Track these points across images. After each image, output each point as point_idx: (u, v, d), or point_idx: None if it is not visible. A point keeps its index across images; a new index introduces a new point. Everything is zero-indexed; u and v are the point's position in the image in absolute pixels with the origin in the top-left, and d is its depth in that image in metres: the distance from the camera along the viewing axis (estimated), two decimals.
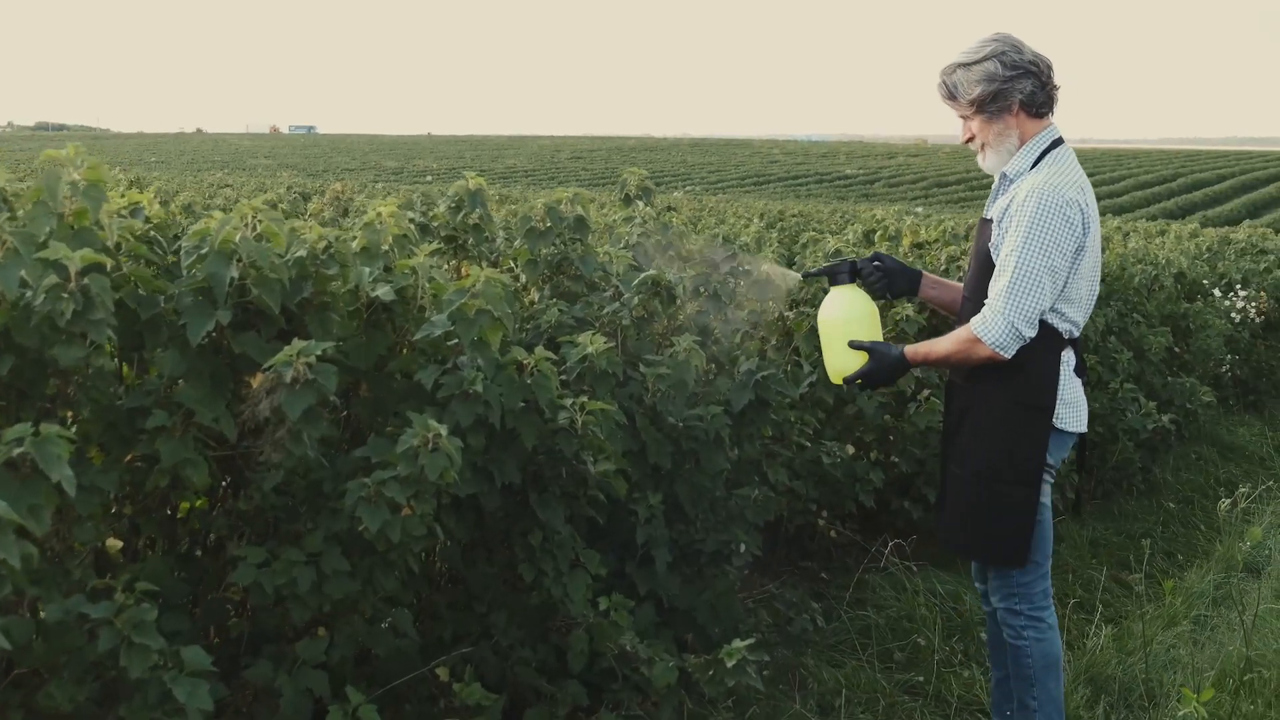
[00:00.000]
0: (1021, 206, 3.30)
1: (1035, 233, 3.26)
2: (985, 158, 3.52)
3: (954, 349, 3.42)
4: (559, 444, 3.20)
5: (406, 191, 26.66)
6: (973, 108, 3.43)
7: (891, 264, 3.80)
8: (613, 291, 4.10)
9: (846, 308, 3.61)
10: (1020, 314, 3.28)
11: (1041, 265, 3.26)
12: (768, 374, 4.05)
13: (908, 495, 5.59)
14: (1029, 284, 3.27)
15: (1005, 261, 3.32)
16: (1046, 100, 3.45)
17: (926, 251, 7.06)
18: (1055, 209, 3.26)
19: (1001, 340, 3.31)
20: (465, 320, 3.03)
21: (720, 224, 14.81)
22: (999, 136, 3.44)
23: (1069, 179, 3.34)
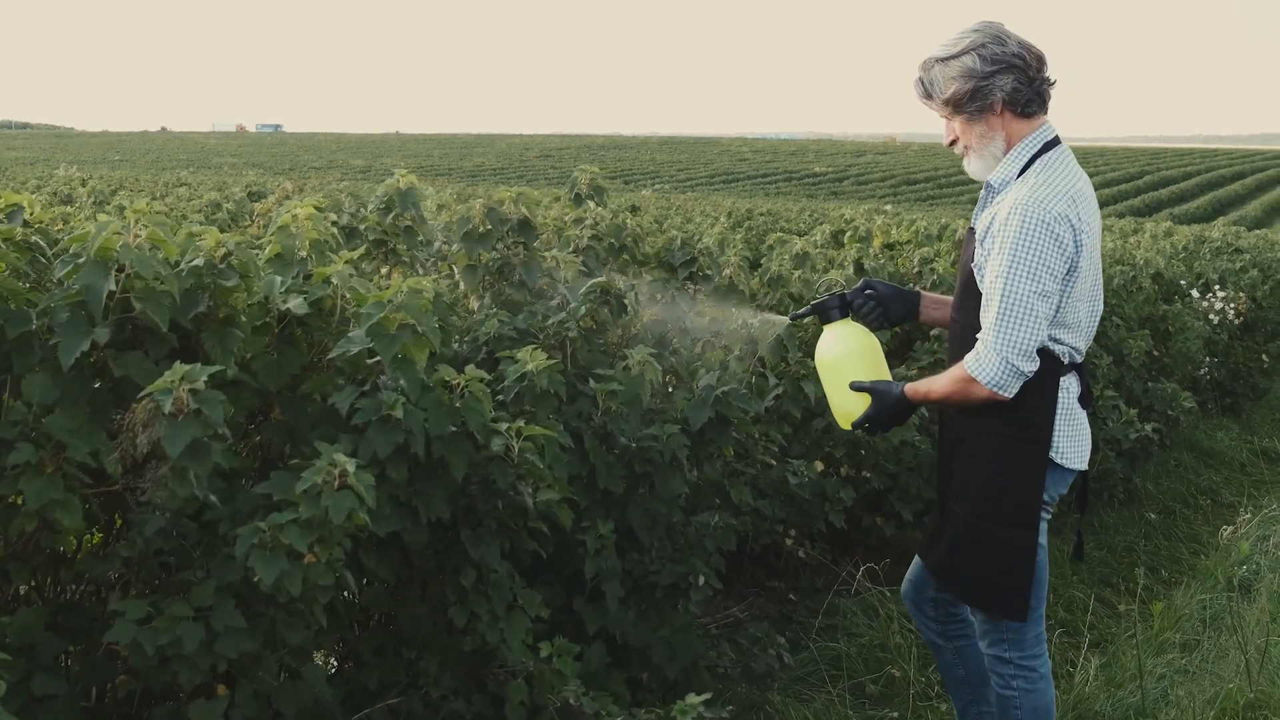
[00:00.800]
0: (1004, 225, 2.97)
1: (1020, 255, 2.92)
2: (970, 162, 3.18)
3: (951, 389, 3.10)
4: (493, 474, 2.86)
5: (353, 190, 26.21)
6: (949, 108, 3.10)
7: (884, 290, 3.47)
8: (559, 300, 3.76)
9: (841, 347, 3.33)
10: (1014, 348, 2.95)
11: (1029, 291, 2.93)
12: (729, 389, 3.72)
13: (880, 511, 5.28)
14: (1019, 314, 2.94)
15: (991, 290, 3.00)
16: (1035, 97, 3.08)
17: (899, 253, 6.76)
18: (1041, 226, 2.92)
19: (997, 378, 2.98)
20: (385, 336, 2.69)
21: (687, 223, 14.48)
22: (982, 139, 3.10)
23: (1058, 189, 2.99)
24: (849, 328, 3.36)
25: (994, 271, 2.97)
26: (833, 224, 6.89)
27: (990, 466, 3.19)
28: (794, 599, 5.20)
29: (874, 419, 3.25)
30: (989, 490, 3.20)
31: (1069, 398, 3.17)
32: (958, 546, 3.30)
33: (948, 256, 6.40)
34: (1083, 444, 3.25)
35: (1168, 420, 7.31)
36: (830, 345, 3.35)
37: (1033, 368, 2.99)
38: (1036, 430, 3.12)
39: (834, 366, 3.32)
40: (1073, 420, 3.19)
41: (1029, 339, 2.94)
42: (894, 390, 3.23)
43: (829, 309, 3.37)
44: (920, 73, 3.15)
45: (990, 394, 3.00)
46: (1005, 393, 2.99)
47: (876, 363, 3.33)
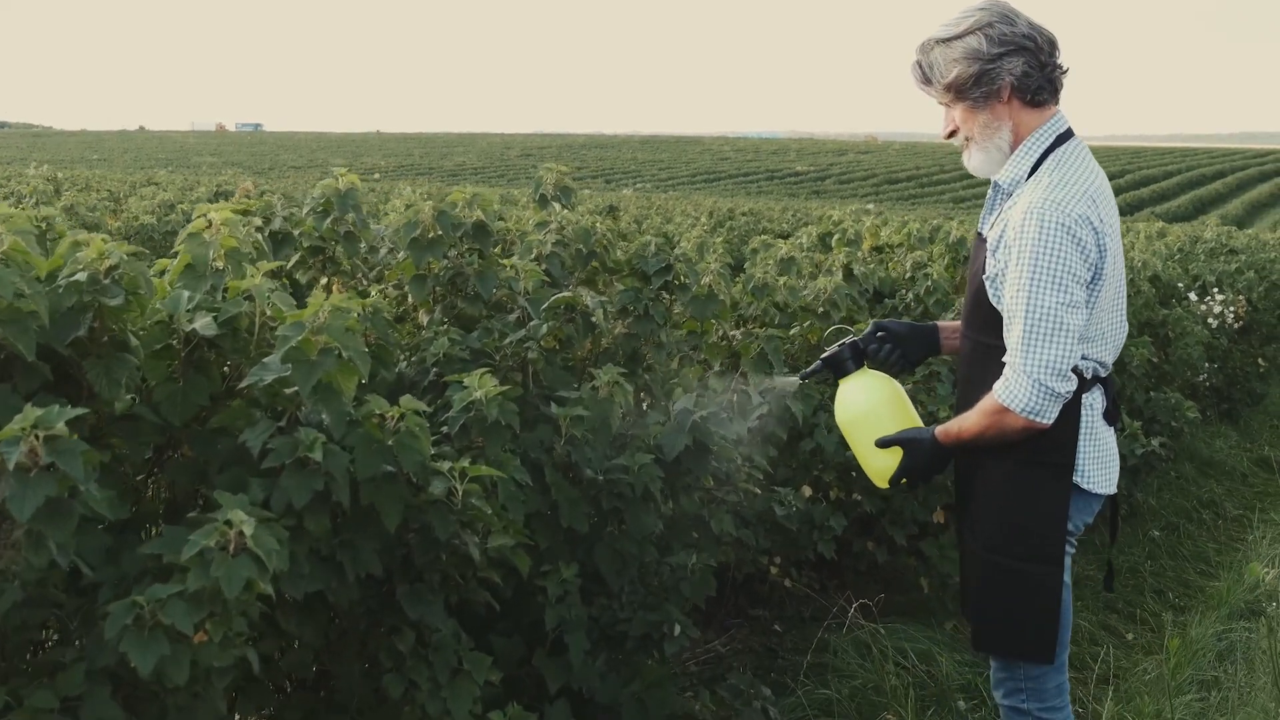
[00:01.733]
0: (1020, 233, 2.65)
1: (1042, 264, 2.61)
2: (970, 156, 2.84)
3: (984, 423, 2.77)
4: (433, 521, 2.45)
5: None
6: (951, 94, 2.77)
7: (899, 329, 3.15)
8: (519, 314, 3.36)
9: (864, 401, 3.03)
10: (1046, 367, 2.63)
11: (1056, 303, 2.62)
12: (708, 413, 3.33)
13: (871, 535, 4.90)
14: (1047, 330, 2.63)
15: (1013, 306, 2.68)
16: (1046, 84, 2.75)
17: (889, 256, 6.38)
18: (1061, 231, 2.60)
19: (1033, 404, 2.66)
20: (303, 363, 2.28)
21: (666, 223, 14.09)
22: (986, 130, 2.78)
23: (1076, 189, 2.68)
24: (868, 378, 3.06)
25: (1014, 285, 2.67)
26: (819, 226, 6.52)
27: (1008, 495, 2.87)
28: (780, 630, 4.82)
29: (911, 471, 2.94)
30: (1005, 523, 2.88)
31: (1093, 415, 2.86)
32: (973, 585, 2.97)
33: (941, 260, 6.02)
34: (1110, 466, 2.92)
35: (1171, 431, 6.95)
36: (851, 401, 3.05)
37: (1069, 388, 2.68)
38: (1058, 453, 2.81)
39: (858, 424, 3.02)
40: (1098, 440, 2.87)
41: (1062, 356, 2.63)
42: (925, 437, 2.91)
43: (842, 361, 3.08)
44: (918, 55, 2.81)
45: (1027, 423, 2.68)
46: (1042, 419, 2.68)
47: (903, 410, 3.03)
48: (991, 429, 2.75)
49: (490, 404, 2.62)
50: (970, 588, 3.02)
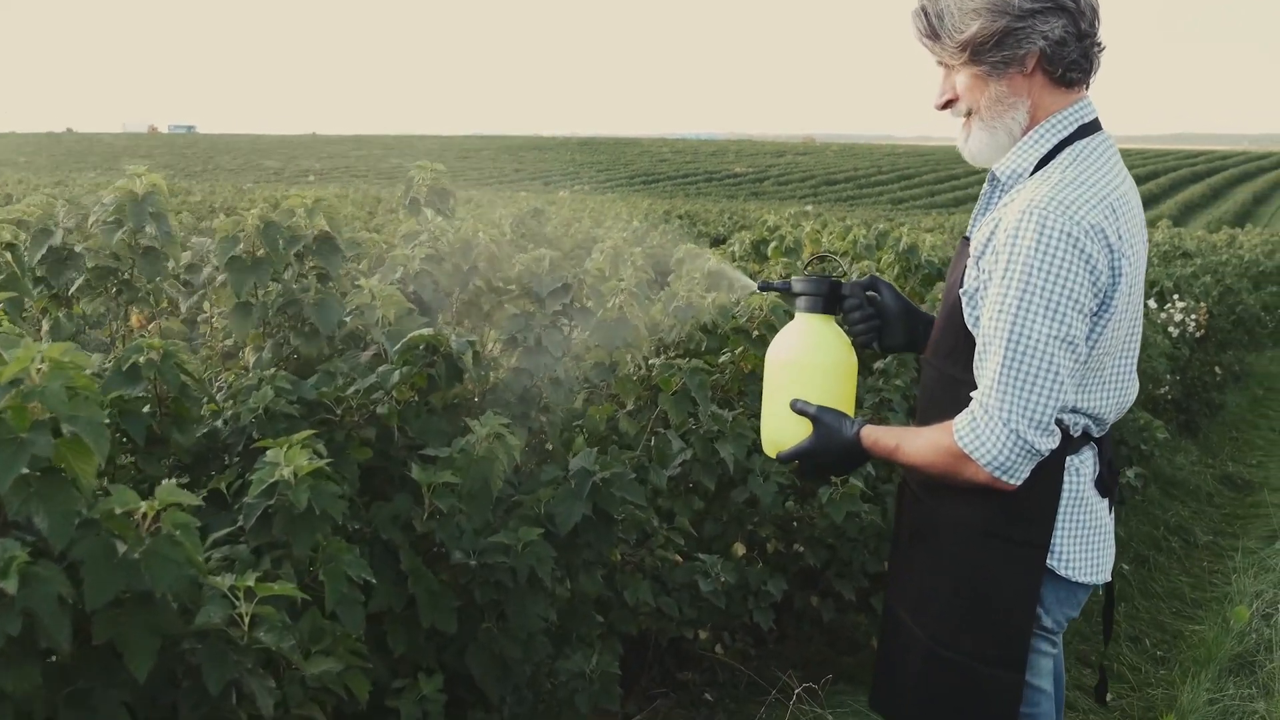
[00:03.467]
0: (1012, 238, 2.05)
1: (1036, 281, 2.02)
2: (969, 135, 2.23)
3: (931, 458, 2.17)
4: (203, 662, 1.74)
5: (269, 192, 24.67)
6: (964, 53, 2.15)
7: (890, 299, 2.53)
8: (375, 352, 2.66)
9: (808, 351, 2.40)
10: (1026, 416, 2.05)
11: (1048, 333, 2.03)
12: (612, 473, 2.65)
13: (816, 589, 4.25)
14: (1033, 367, 2.04)
15: (992, 330, 2.08)
16: (1082, 59, 2.16)
17: (831, 265, 5.73)
18: (1065, 241, 2.01)
19: (1002, 458, 2.06)
20: (7, 443, 1.58)
21: (597, 226, 13.38)
22: (997, 105, 2.18)
23: (1091, 191, 2.07)
24: (828, 330, 2.43)
25: (996, 304, 2.07)
26: (754, 231, 5.87)
27: (962, 574, 2.27)
28: (711, 699, 4.15)
29: (809, 456, 2.34)
30: (959, 606, 2.28)
31: (1080, 483, 2.24)
32: (907, 672, 2.37)
33: (890, 270, 5.38)
34: (1100, 549, 2.29)
35: (1140, 455, 6.36)
36: (795, 343, 2.42)
37: (1051, 444, 2.09)
38: (1031, 528, 2.21)
39: (788, 371, 2.40)
40: (1085, 515, 2.25)
41: (1046, 403, 2.05)
42: (846, 429, 2.30)
43: (813, 295, 2.43)
44: (924, 2, 2.20)
45: (989, 479, 2.09)
46: (1011, 479, 2.09)
47: (844, 388, 2.41)
48: (938, 469, 2.17)
49: (299, 487, 1.91)
50: (898, 677, 2.40)
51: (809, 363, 2.39)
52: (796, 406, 2.35)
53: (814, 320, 2.43)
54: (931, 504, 2.31)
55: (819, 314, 2.43)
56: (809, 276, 2.46)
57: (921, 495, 2.35)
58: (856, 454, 2.30)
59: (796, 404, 2.35)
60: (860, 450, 2.29)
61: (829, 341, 2.41)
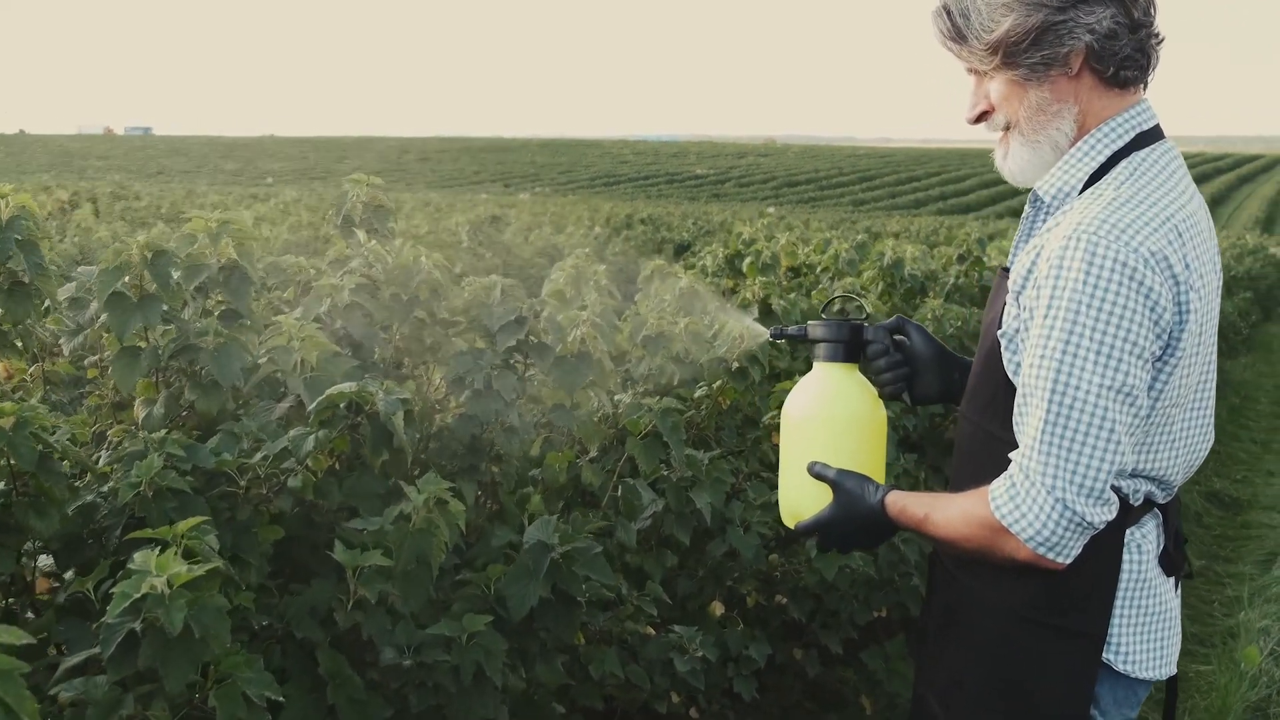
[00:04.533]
0: (1056, 269, 1.74)
1: (1086, 321, 1.70)
2: (1008, 152, 1.91)
3: (964, 531, 1.84)
4: None
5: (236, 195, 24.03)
6: (996, 55, 1.84)
7: (921, 344, 2.19)
8: (293, 404, 2.25)
9: (828, 407, 2.10)
10: (1076, 481, 1.72)
11: (1101, 384, 1.71)
12: (575, 547, 2.24)
13: (800, 641, 3.85)
14: (1083, 423, 1.71)
15: (1034, 379, 1.76)
16: (1137, 53, 1.84)
17: (808, 280, 5.35)
18: (1121, 272, 1.69)
19: (1047, 533, 1.73)
20: None
21: (557, 233, 12.97)
22: (1040, 114, 1.86)
23: (1152, 211, 1.76)
24: (849, 379, 2.13)
25: (1038, 348, 1.75)
26: (728, 245, 5.49)
27: (1001, 667, 1.94)
28: None
29: (829, 527, 2.04)
30: (997, 700, 1.95)
31: (1142, 561, 1.90)
32: None
33: (874, 287, 5.00)
34: (1165, 639, 1.95)
35: None
36: (808, 396, 2.13)
37: (1106, 515, 1.75)
38: (1083, 616, 1.88)
39: (802, 430, 2.11)
40: (1148, 599, 1.91)
41: (1099, 467, 1.72)
42: (869, 495, 2.00)
43: (832, 342, 2.13)
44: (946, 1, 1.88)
45: (1032, 557, 1.76)
46: (1058, 557, 1.76)
47: (868, 446, 2.10)
48: (973, 543, 1.84)
49: (173, 604, 1.49)
50: None
51: (828, 419, 2.08)
52: (814, 470, 2.04)
53: (834, 370, 2.13)
54: (966, 582, 1.98)
55: (839, 363, 2.13)
56: (827, 320, 2.15)
57: (955, 572, 2.01)
58: (882, 524, 1.98)
59: (814, 467, 2.05)
60: (886, 520, 1.97)
61: (851, 394, 2.11)
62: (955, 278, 5.44)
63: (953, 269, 5.64)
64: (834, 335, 2.12)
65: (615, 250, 12.19)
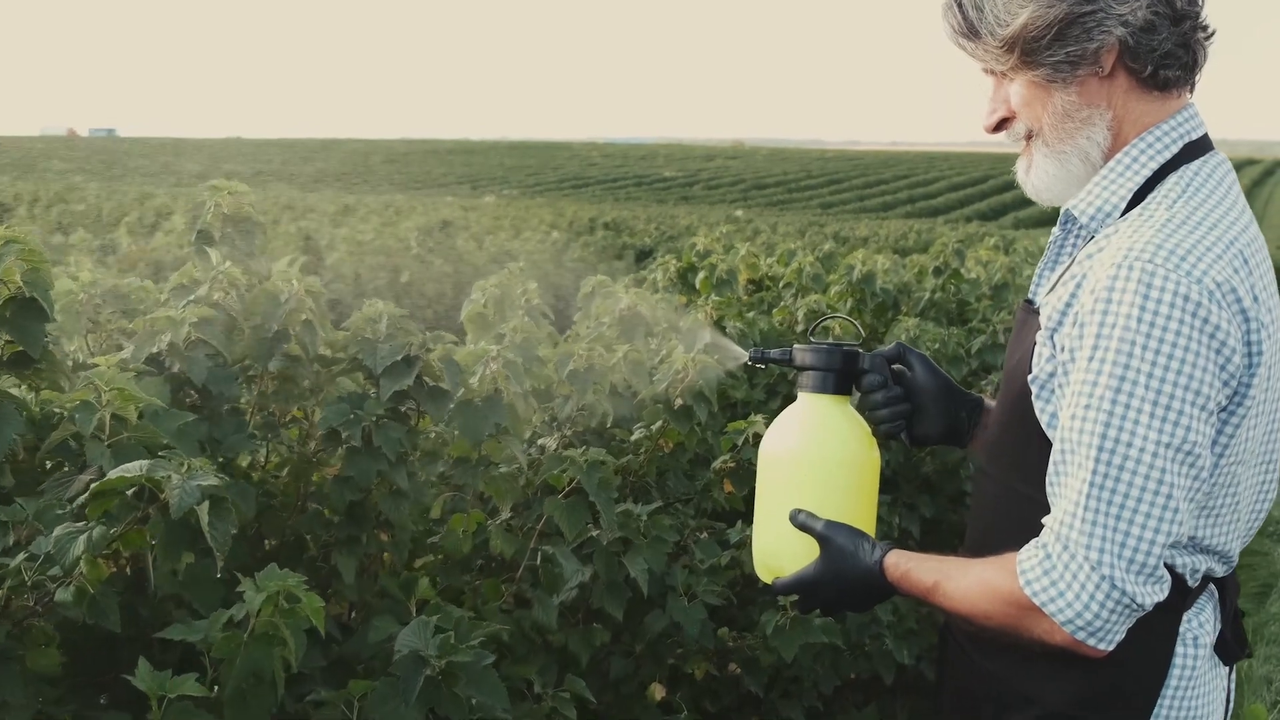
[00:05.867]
0: (1104, 303, 1.48)
1: (1139, 365, 1.45)
2: (1030, 165, 1.67)
3: (984, 606, 1.58)
4: None
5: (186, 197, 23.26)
6: (1014, 54, 1.60)
7: (924, 375, 1.89)
8: (94, 477, 1.74)
9: (815, 442, 1.83)
10: (1126, 556, 1.46)
11: (1158, 440, 1.45)
12: (456, 660, 1.75)
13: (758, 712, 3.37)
14: (1136, 487, 1.45)
15: (1077, 434, 1.49)
16: (1180, 49, 1.58)
17: (771, 295, 4.88)
18: (1180, 307, 1.44)
19: (1089, 615, 1.47)
20: None
21: (514, 237, 12.47)
22: (1067, 121, 1.62)
23: (1214, 235, 1.51)
24: (839, 414, 1.85)
25: (1082, 397, 1.50)
26: (681, 256, 5.00)
27: None
28: None
29: (813, 589, 1.77)
30: None
31: (1196, 651, 1.64)
32: None
33: (842, 303, 4.52)
34: None
35: None
36: (791, 431, 1.85)
37: (1157, 595, 1.50)
38: (1124, 711, 1.63)
39: (782, 470, 1.84)
40: (1199, 694, 1.65)
41: (1154, 539, 1.47)
42: (865, 554, 1.72)
43: (821, 370, 1.84)
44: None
45: (1069, 641, 1.50)
46: (1099, 643, 1.50)
47: (859, 493, 1.82)
48: (999, 622, 1.57)
49: None
50: None
51: (816, 460, 1.81)
52: (798, 520, 1.77)
53: (822, 403, 1.85)
54: (983, 666, 1.71)
55: (829, 394, 1.85)
56: (816, 345, 1.88)
57: (971, 651, 1.74)
58: (878, 588, 1.71)
59: (798, 517, 1.78)
60: (884, 583, 1.71)
61: (841, 431, 1.83)
62: (931, 292, 4.97)
63: (928, 282, 5.16)
64: (824, 362, 1.84)
65: (574, 257, 11.71)
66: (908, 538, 4.09)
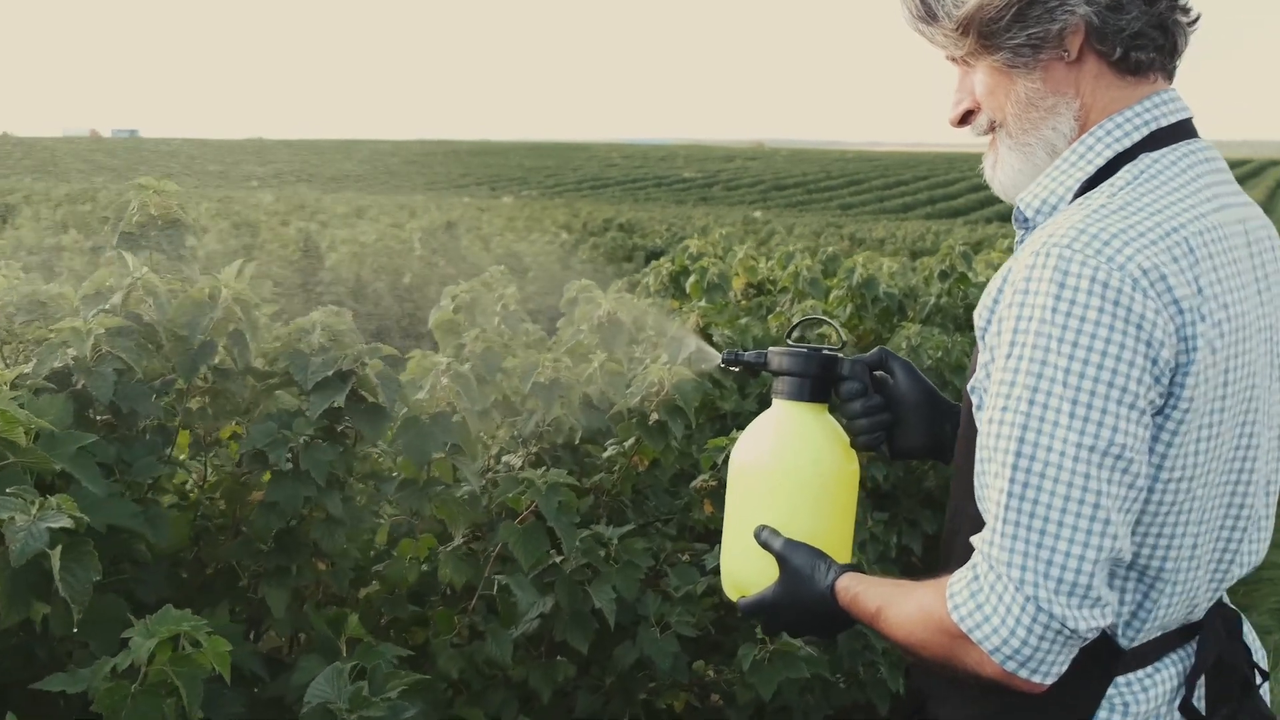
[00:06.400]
0: (1022, 294, 1.33)
1: (1055, 360, 1.29)
2: (996, 160, 1.53)
3: (920, 634, 1.40)
4: None
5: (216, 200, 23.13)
6: (971, 37, 1.47)
7: (907, 384, 1.72)
8: None
9: (787, 452, 1.68)
10: (1055, 575, 1.28)
11: (1080, 443, 1.28)
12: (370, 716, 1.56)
13: None
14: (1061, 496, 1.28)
15: (995, 440, 1.34)
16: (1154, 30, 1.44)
17: (770, 301, 4.68)
18: (1097, 294, 1.28)
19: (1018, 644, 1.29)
20: None
21: (521, 239, 12.30)
22: (1028, 110, 1.48)
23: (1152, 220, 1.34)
24: (815, 424, 1.70)
25: (999, 398, 1.34)
26: (674, 259, 4.78)
27: None
28: None
29: (774, 612, 1.62)
30: None
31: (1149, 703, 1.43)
32: None
33: (842, 308, 4.32)
34: None
35: None
36: (763, 440, 1.71)
37: (1097, 621, 1.30)
38: None
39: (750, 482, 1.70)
40: None
41: (1085, 554, 1.28)
42: (819, 578, 1.57)
43: (797, 376, 1.69)
44: None
45: (1000, 674, 1.32)
46: (1034, 675, 1.31)
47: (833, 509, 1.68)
48: (933, 653, 1.39)
49: None
50: None
51: (786, 472, 1.66)
52: (760, 538, 1.63)
53: (797, 411, 1.70)
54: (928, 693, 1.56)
55: (805, 402, 1.70)
56: (793, 348, 1.72)
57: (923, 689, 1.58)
58: (833, 614, 1.56)
59: (761, 534, 1.64)
60: (838, 609, 1.55)
61: (815, 442, 1.68)
62: (937, 297, 4.76)
63: (934, 286, 4.95)
64: (800, 368, 1.69)
65: (582, 258, 11.53)
66: (909, 555, 3.90)
